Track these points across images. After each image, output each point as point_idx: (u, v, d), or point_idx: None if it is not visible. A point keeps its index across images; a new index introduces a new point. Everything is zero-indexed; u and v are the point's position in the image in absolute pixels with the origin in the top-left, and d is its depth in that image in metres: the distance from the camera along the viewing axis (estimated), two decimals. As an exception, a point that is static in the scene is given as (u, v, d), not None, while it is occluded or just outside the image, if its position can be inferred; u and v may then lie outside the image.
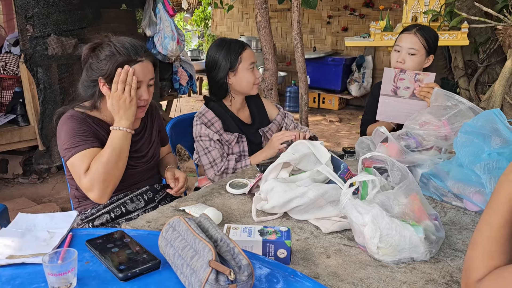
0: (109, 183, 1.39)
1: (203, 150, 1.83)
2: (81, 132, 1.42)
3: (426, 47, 1.91)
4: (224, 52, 1.82)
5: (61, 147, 1.43)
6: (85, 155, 1.38)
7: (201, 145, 1.83)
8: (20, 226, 1.06)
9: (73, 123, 1.43)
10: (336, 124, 5.80)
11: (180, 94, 4.55)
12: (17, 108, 3.35)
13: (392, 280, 0.97)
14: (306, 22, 6.98)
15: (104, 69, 1.41)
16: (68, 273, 0.82)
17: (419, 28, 1.94)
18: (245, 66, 1.83)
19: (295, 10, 3.10)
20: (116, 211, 1.53)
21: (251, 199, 1.38)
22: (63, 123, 1.45)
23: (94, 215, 1.53)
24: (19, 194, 3.33)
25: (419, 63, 1.92)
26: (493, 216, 0.76)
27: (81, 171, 1.37)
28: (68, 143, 1.40)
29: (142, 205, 1.57)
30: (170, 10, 4.05)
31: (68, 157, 1.40)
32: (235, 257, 0.82)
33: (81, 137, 1.40)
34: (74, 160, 1.39)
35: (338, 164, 1.38)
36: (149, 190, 1.61)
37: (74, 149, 1.39)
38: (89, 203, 1.54)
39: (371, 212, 1.05)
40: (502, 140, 1.27)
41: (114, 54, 1.41)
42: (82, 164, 1.37)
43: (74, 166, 1.40)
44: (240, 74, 1.84)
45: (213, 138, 1.81)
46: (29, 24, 3.20)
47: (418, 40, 1.90)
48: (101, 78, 1.42)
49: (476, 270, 0.75)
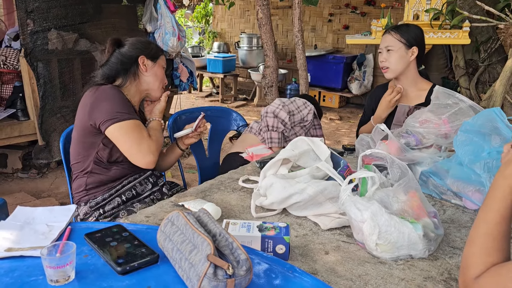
0: (159, 154, 1.59)
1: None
2: (129, 105, 1.56)
3: (402, 41, 1.97)
4: None
5: (108, 111, 1.48)
6: (140, 124, 1.54)
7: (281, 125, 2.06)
8: (19, 219, 1.06)
9: (117, 93, 1.54)
10: (336, 122, 5.79)
11: (180, 91, 4.53)
12: (17, 102, 3.35)
13: (390, 277, 0.97)
14: (307, 20, 6.97)
15: (146, 49, 1.65)
16: (67, 266, 0.82)
17: (393, 27, 2.03)
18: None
19: (296, 7, 3.10)
20: (128, 194, 1.59)
21: (250, 195, 1.39)
22: (106, 92, 1.52)
23: (106, 200, 1.56)
24: (18, 189, 3.33)
25: (400, 58, 1.98)
26: (489, 213, 0.77)
27: (144, 134, 1.52)
28: (119, 107, 1.49)
29: (150, 187, 1.64)
30: (171, 6, 4.04)
31: (120, 120, 1.48)
32: (233, 252, 0.82)
33: (129, 108, 1.54)
34: (132, 124, 1.50)
35: (337, 161, 1.38)
36: (152, 174, 1.67)
37: (128, 115, 1.50)
38: (99, 190, 1.57)
39: (370, 209, 1.05)
40: (502, 139, 1.27)
41: (151, 42, 1.74)
42: (143, 129, 1.53)
43: (132, 129, 1.49)
44: None
45: (285, 119, 2.06)
46: (30, 19, 3.19)
47: (392, 37, 1.99)
48: (142, 56, 1.63)
49: (474, 267, 0.75)
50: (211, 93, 7.44)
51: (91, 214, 1.56)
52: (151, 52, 1.66)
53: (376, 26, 3.57)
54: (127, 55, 1.63)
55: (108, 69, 1.62)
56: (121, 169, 1.58)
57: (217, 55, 6.77)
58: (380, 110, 2.06)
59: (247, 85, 7.42)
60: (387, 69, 2.01)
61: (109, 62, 1.63)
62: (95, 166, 1.56)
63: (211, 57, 6.71)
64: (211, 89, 7.68)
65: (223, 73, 6.60)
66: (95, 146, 1.53)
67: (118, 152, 1.54)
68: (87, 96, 1.53)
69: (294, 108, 2.14)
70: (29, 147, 3.61)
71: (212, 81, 7.66)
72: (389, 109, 2.03)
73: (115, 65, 1.62)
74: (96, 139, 1.53)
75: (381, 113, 2.05)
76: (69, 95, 3.55)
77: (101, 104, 1.49)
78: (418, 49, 1.98)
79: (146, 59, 1.64)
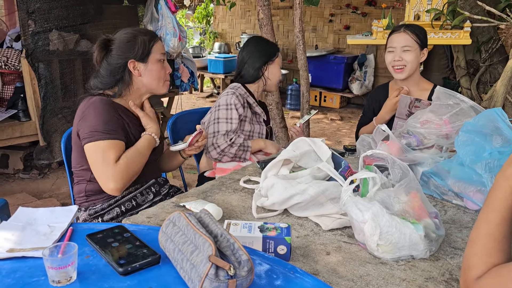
0: (130, 179, 1.46)
1: (226, 119, 1.90)
2: (113, 120, 1.46)
3: (418, 42, 1.96)
4: (262, 47, 2.06)
5: (89, 128, 1.42)
6: (116, 145, 1.43)
7: (225, 114, 1.91)
8: (20, 220, 1.06)
9: (105, 108, 1.46)
10: (337, 122, 5.79)
11: (181, 91, 4.54)
12: (18, 103, 3.35)
13: (392, 277, 0.97)
14: (308, 20, 6.96)
15: (134, 51, 1.51)
16: (68, 267, 0.82)
17: (406, 26, 2.00)
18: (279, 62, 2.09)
19: (297, 7, 3.10)
20: (127, 205, 1.55)
21: (251, 195, 1.39)
22: (93, 105, 1.46)
23: (105, 210, 1.53)
24: (19, 189, 3.33)
25: (416, 58, 1.97)
26: (490, 213, 0.77)
27: (111, 159, 1.40)
28: (99, 126, 1.41)
29: (151, 198, 1.60)
30: (172, 6, 4.04)
31: (96, 139, 1.40)
32: (235, 253, 0.82)
33: (113, 126, 1.44)
34: (104, 145, 1.41)
35: (338, 162, 1.38)
36: (155, 183, 1.63)
37: (105, 134, 1.41)
38: (99, 198, 1.54)
39: (371, 209, 1.05)
40: (503, 139, 1.27)
41: (137, 36, 1.53)
42: (113, 153, 1.41)
43: (102, 151, 1.40)
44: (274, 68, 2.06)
45: (238, 110, 1.92)
46: (31, 19, 3.20)
47: (409, 36, 1.96)
48: (131, 60, 1.51)
49: (475, 267, 0.75)
50: (212, 93, 7.44)
51: (90, 221, 1.54)
52: (139, 52, 1.52)
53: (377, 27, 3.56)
54: (114, 64, 1.51)
55: (100, 83, 1.53)
56: None
57: (218, 56, 6.78)
58: (384, 111, 2.05)
59: (248, 86, 7.41)
60: (402, 68, 1.97)
61: (99, 74, 1.54)
62: (94, 175, 1.51)
63: (212, 58, 6.72)
64: (212, 89, 7.68)
65: (224, 73, 6.61)
66: None
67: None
68: (80, 107, 1.49)
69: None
70: (31, 148, 3.62)
71: (213, 82, 7.67)
72: (393, 111, 2.02)
73: (106, 78, 1.53)
74: None
75: (384, 114, 2.04)
76: (70, 96, 3.56)
77: (87, 119, 1.44)
78: (427, 51, 1.99)
79: (136, 62, 1.52)
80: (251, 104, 2.00)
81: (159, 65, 1.57)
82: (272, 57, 2.05)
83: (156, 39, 1.58)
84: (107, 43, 1.53)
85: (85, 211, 1.55)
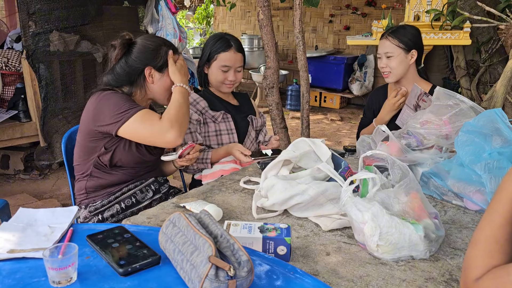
0: (183, 126, 1.49)
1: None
2: (131, 99, 1.51)
3: (401, 46, 1.96)
4: (210, 45, 1.92)
5: (111, 113, 1.45)
6: (148, 112, 1.47)
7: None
8: (21, 220, 1.06)
9: (119, 95, 1.50)
10: (337, 123, 5.79)
11: (181, 92, 4.55)
12: (18, 104, 3.36)
13: (392, 278, 0.97)
14: (308, 21, 6.97)
15: (155, 60, 1.55)
16: (69, 267, 0.82)
17: (390, 31, 2.01)
18: (217, 65, 1.90)
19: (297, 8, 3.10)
20: (127, 202, 1.56)
21: (251, 196, 1.39)
22: (107, 97, 1.48)
23: (105, 207, 1.55)
24: (20, 190, 3.33)
25: (400, 62, 1.98)
26: (493, 215, 0.76)
27: (153, 119, 1.45)
28: (121, 106, 1.45)
29: (150, 195, 1.61)
30: (172, 7, 4.05)
31: (127, 118, 1.43)
32: (235, 253, 0.82)
33: (133, 103, 1.49)
34: (137, 117, 1.44)
35: (338, 162, 1.38)
36: (155, 181, 1.65)
37: (132, 110, 1.44)
38: (99, 195, 1.57)
39: (371, 210, 1.05)
40: (503, 139, 1.27)
41: (161, 46, 1.57)
42: (151, 115, 1.46)
43: (140, 121, 1.44)
44: (212, 70, 1.92)
45: (191, 117, 1.85)
46: (32, 20, 3.21)
47: (390, 42, 1.98)
48: (149, 67, 1.54)
49: (475, 268, 0.75)
50: (212, 94, 7.44)
51: (90, 219, 1.55)
52: (159, 62, 1.56)
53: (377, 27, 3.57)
54: (134, 66, 1.54)
55: (114, 80, 1.56)
56: (121, 175, 1.57)
57: (218, 56, 6.76)
58: (383, 112, 2.05)
59: (248, 86, 7.42)
60: (388, 74, 2.01)
61: (114, 70, 1.56)
62: (95, 169, 1.55)
63: (212, 58, 6.70)
64: (212, 90, 7.68)
65: (224, 74, 6.60)
66: (97, 150, 1.52)
67: (119, 157, 1.53)
68: (91, 101, 1.51)
69: None
70: (31, 149, 3.62)
71: (213, 82, 7.66)
72: (393, 112, 2.02)
73: (121, 76, 1.55)
74: (99, 143, 1.51)
75: (384, 115, 2.05)
76: (71, 97, 3.56)
77: (105, 108, 1.47)
78: (417, 51, 1.98)
79: (154, 70, 1.56)
80: (201, 111, 1.89)
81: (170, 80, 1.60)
82: (209, 59, 1.91)
83: (177, 51, 1.63)
84: (130, 44, 1.57)
85: (85, 209, 1.57)
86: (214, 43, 1.90)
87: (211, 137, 1.90)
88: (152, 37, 1.61)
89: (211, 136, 1.90)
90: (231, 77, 1.91)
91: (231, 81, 1.92)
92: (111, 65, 1.57)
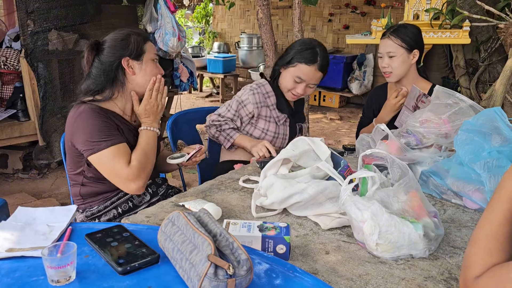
0: (148, 174, 1.47)
1: (228, 105, 1.92)
2: (108, 126, 1.43)
3: (403, 46, 1.95)
4: (297, 50, 1.87)
5: (84, 139, 1.40)
6: (119, 149, 1.41)
7: (234, 105, 1.91)
8: (19, 219, 1.06)
9: (94, 115, 1.42)
10: (336, 122, 5.79)
11: (180, 91, 4.54)
12: (17, 103, 3.35)
13: (391, 277, 0.97)
14: (307, 20, 6.97)
15: (128, 49, 1.48)
16: (67, 266, 0.82)
17: (392, 30, 1.98)
18: (293, 73, 1.87)
19: (296, 7, 3.10)
20: (124, 207, 1.54)
21: (250, 195, 1.39)
22: (83, 117, 1.42)
23: (102, 212, 1.53)
24: (19, 189, 3.33)
25: (402, 62, 1.96)
26: (493, 214, 0.76)
27: (123, 163, 1.40)
28: (94, 135, 1.39)
29: (148, 199, 1.59)
30: (171, 6, 4.04)
31: (97, 150, 1.39)
32: (234, 252, 0.82)
33: (107, 131, 1.42)
34: (108, 154, 1.39)
35: (338, 161, 1.38)
36: (152, 183, 1.63)
37: (104, 142, 1.39)
38: (95, 200, 1.54)
39: (371, 208, 1.05)
40: (502, 138, 1.27)
41: (130, 35, 1.51)
42: (121, 157, 1.40)
43: (109, 159, 1.39)
44: (286, 73, 1.90)
45: (248, 109, 1.89)
46: (30, 19, 3.20)
47: (393, 42, 1.96)
48: (125, 58, 1.48)
49: (475, 266, 0.75)
50: (212, 93, 7.44)
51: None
52: (133, 50, 1.48)
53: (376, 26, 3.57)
54: (108, 62, 1.47)
55: (93, 84, 1.49)
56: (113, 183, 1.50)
57: (217, 55, 6.77)
58: (384, 113, 2.04)
59: (247, 85, 7.42)
60: (390, 73, 1.99)
61: (91, 74, 1.49)
62: (86, 180, 1.51)
63: (211, 57, 6.72)
64: (211, 89, 7.68)
65: (223, 73, 6.61)
66: (82, 164, 1.49)
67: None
68: (70, 116, 1.46)
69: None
70: (30, 148, 3.61)
71: (213, 81, 7.67)
72: (393, 112, 2.01)
73: (99, 78, 1.48)
74: (81, 158, 1.47)
75: (384, 115, 2.04)
76: (70, 96, 3.55)
77: (80, 131, 1.42)
78: (418, 51, 1.97)
79: (131, 59, 1.48)
80: (268, 106, 1.92)
81: (153, 64, 1.54)
82: (290, 63, 1.88)
83: (148, 39, 1.56)
84: (98, 45, 1.51)
85: (82, 213, 1.55)
86: (302, 50, 1.86)
87: (267, 136, 1.92)
88: (119, 30, 1.53)
89: (267, 136, 1.93)
90: (300, 90, 1.90)
91: (298, 94, 1.91)
92: (86, 71, 1.51)
